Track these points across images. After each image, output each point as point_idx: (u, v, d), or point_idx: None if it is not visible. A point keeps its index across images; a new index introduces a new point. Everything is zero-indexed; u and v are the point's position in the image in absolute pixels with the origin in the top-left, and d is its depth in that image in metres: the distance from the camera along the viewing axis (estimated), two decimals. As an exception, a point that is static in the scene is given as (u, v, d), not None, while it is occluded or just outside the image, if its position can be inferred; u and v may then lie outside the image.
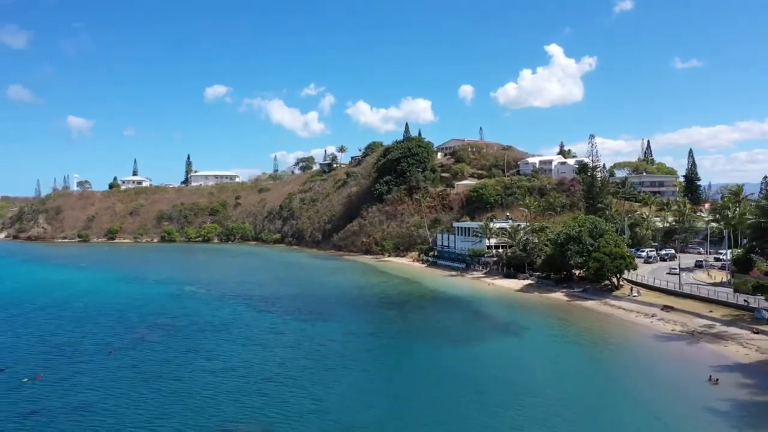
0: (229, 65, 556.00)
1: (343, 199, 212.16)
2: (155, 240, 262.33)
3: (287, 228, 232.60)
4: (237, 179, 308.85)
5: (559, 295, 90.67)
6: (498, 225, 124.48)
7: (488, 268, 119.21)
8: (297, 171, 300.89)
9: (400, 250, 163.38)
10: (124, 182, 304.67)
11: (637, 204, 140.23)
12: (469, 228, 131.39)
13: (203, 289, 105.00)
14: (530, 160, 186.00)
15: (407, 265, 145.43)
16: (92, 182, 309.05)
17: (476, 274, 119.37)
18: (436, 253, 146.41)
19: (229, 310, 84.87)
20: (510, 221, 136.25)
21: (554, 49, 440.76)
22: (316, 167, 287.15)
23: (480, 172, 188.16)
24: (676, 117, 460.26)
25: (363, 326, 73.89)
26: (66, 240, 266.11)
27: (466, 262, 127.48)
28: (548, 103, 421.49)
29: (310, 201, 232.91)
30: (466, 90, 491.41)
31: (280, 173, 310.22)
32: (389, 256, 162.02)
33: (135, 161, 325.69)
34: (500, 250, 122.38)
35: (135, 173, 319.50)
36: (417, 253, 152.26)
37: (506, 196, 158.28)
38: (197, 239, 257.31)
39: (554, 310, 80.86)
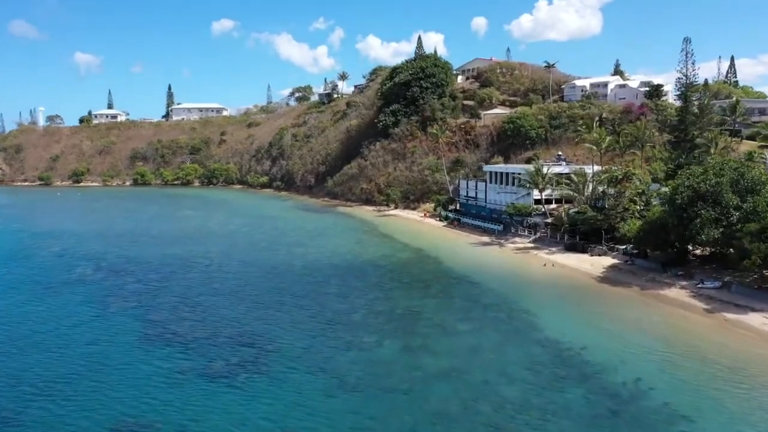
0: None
1: (340, 134, 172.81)
2: (127, 183, 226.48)
3: (276, 170, 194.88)
4: (225, 113, 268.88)
5: (681, 295, 52.60)
6: (555, 169, 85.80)
7: (538, 234, 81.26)
8: (293, 103, 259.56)
9: (409, 200, 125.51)
10: (96, 116, 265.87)
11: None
12: (507, 173, 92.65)
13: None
14: (578, 82, 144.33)
15: (419, 222, 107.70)
16: (66, 117, 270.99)
17: (520, 242, 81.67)
18: (458, 207, 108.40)
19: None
20: (564, 163, 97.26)
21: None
22: (314, 98, 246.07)
23: (513, 98, 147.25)
24: (715, 46, 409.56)
25: (331, 383, 36.55)
26: (26, 183, 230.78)
27: (504, 222, 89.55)
28: (565, 36, 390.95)
29: (304, 137, 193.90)
30: (479, 23, 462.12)
31: (273, 104, 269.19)
32: (395, 208, 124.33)
33: (110, 93, 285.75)
34: (556, 208, 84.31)
35: (110, 106, 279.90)
36: (432, 205, 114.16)
37: (552, 128, 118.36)
38: (175, 182, 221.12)
39: (709, 347, 42.08)
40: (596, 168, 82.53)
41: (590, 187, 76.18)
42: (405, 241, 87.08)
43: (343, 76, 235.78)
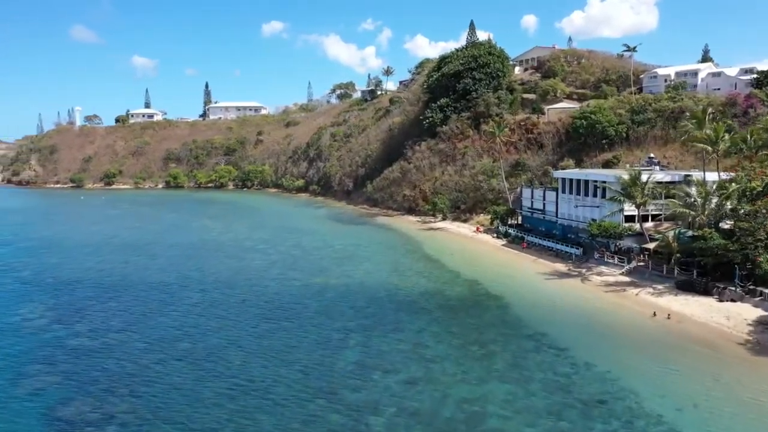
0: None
1: (382, 133, 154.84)
2: (159, 186, 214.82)
3: (312, 172, 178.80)
4: (264, 111, 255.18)
5: None
6: (659, 177, 65.30)
7: (633, 264, 61.09)
8: (334, 100, 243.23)
9: (459, 210, 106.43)
10: (132, 116, 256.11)
11: None
12: (587, 181, 72.51)
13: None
14: (660, 71, 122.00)
15: (471, 239, 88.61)
16: (107, 117, 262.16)
17: (608, 272, 61.74)
18: (519, 221, 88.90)
19: None
20: (658, 167, 76.54)
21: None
22: (357, 95, 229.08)
23: (581, 91, 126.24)
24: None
25: None
26: (58, 185, 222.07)
27: (583, 244, 69.68)
28: (620, 33, 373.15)
29: (343, 137, 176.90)
30: (529, 21, 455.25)
31: (313, 102, 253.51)
32: (443, 219, 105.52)
33: (147, 91, 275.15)
34: (653, 227, 64.18)
35: (147, 105, 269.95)
36: (488, 218, 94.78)
37: (635, 125, 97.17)
38: (208, 185, 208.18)
39: None
40: (710, 175, 61.84)
41: (711, 202, 55.59)
42: (455, 267, 68.23)
43: (387, 71, 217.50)
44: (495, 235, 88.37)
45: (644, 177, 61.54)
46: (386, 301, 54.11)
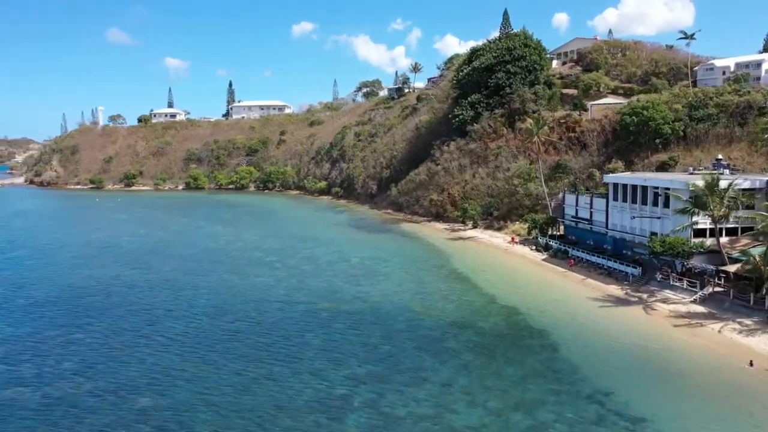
0: (316, 0, 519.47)
1: (408, 132, 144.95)
2: (180, 187, 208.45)
3: (335, 173, 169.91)
4: (288, 110, 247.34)
5: None
6: (740, 183, 54.01)
7: (707, 289, 50.15)
8: (360, 99, 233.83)
9: (492, 217, 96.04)
10: (155, 116, 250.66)
11: None
12: (646, 187, 61.44)
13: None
14: (718, 62, 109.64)
15: (506, 252, 78.21)
16: (131, 117, 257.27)
17: (675, 299, 51.01)
18: (562, 232, 78.25)
19: None
20: (727, 170, 65.11)
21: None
22: (383, 93, 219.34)
23: (627, 85, 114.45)
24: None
25: None
26: (78, 186, 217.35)
27: (641, 262, 58.87)
28: (654, 30, 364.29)
29: (368, 137, 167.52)
30: (561, 19, 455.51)
31: (339, 101, 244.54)
32: (474, 227, 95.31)
33: (170, 90, 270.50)
34: (729, 243, 53.15)
35: (170, 105, 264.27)
36: (525, 226, 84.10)
37: (694, 122, 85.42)
38: (229, 186, 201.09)
39: None
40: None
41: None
42: (489, 289, 58.11)
43: (415, 68, 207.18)
44: (533, 247, 77.79)
45: (723, 183, 50.47)
46: (405, 336, 44.32)
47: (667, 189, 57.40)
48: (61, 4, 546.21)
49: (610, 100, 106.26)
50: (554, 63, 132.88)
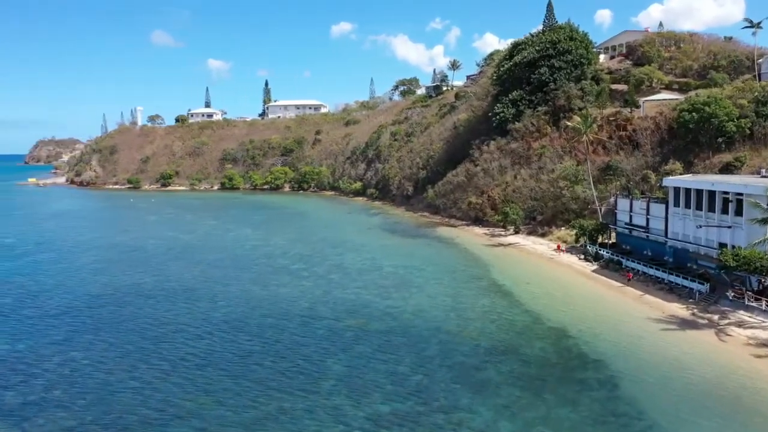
0: (355, 1, 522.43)
1: (446, 131, 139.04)
2: (215, 187, 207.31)
3: (371, 174, 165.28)
4: (324, 110, 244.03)
5: None
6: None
7: (791, 311, 43.20)
8: (397, 97, 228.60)
9: (535, 222, 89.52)
10: (192, 116, 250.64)
11: None
12: (714, 192, 54.32)
13: None
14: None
15: (552, 261, 71.72)
16: (169, 117, 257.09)
17: (752, 322, 44.12)
18: (614, 240, 71.40)
19: None
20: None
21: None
22: (421, 91, 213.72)
23: (683, 80, 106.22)
24: None
25: None
26: (116, 186, 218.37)
27: (709, 278, 51.88)
28: (702, 26, 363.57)
29: (404, 136, 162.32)
30: (604, 15, 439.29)
31: (375, 100, 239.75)
32: (516, 232, 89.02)
33: (207, 90, 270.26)
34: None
35: (207, 105, 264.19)
36: (572, 233, 77.39)
37: (762, 119, 77.24)
38: (264, 187, 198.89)
39: None
40: None
41: None
42: (534, 306, 52.08)
43: (454, 65, 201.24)
44: (581, 256, 71.14)
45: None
46: (439, 362, 38.86)
47: (740, 194, 50.36)
48: (108, 8, 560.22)
49: (665, 95, 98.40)
50: (602, 57, 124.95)
